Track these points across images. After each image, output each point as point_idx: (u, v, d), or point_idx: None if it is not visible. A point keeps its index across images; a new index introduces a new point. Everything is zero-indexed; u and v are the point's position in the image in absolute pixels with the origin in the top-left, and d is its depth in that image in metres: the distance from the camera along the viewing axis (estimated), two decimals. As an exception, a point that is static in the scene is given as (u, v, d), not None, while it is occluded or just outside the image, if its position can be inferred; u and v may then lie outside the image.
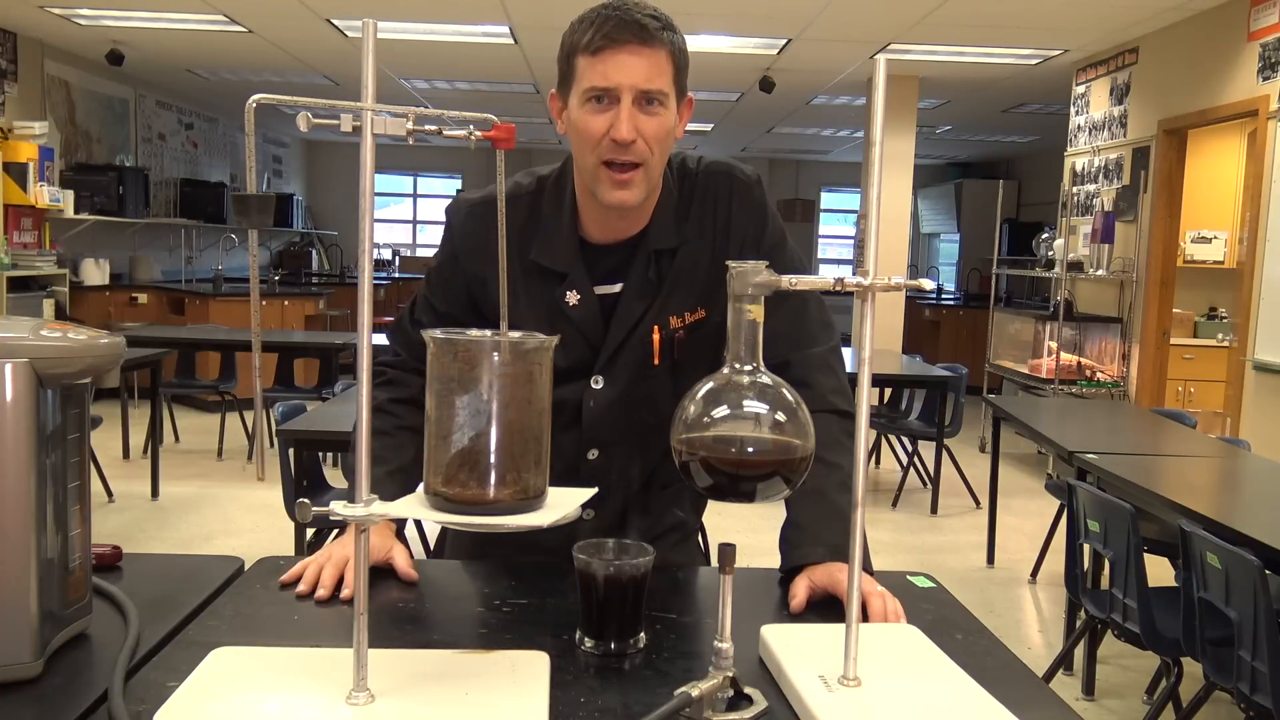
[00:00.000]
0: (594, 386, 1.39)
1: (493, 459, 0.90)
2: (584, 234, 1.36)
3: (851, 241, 13.31)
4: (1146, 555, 2.42)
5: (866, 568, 1.23)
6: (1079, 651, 3.12)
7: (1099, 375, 6.10)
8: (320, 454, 3.64)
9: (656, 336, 1.37)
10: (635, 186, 1.27)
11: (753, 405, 0.94)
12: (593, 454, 1.41)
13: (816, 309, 1.40)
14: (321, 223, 12.52)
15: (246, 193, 0.84)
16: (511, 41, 6.46)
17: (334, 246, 12.27)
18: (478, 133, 0.90)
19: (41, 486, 0.94)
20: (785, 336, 1.33)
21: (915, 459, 5.74)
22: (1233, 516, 2.32)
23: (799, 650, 1.01)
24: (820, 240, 13.38)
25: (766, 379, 0.94)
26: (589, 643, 1.06)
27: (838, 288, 0.93)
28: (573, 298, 1.35)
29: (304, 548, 3.06)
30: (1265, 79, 4.69)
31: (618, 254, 1.36)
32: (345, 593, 1.19)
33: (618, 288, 1.37)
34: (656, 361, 1.38)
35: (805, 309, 1.38)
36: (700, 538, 1.68)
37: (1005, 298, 10.19)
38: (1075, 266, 6.18)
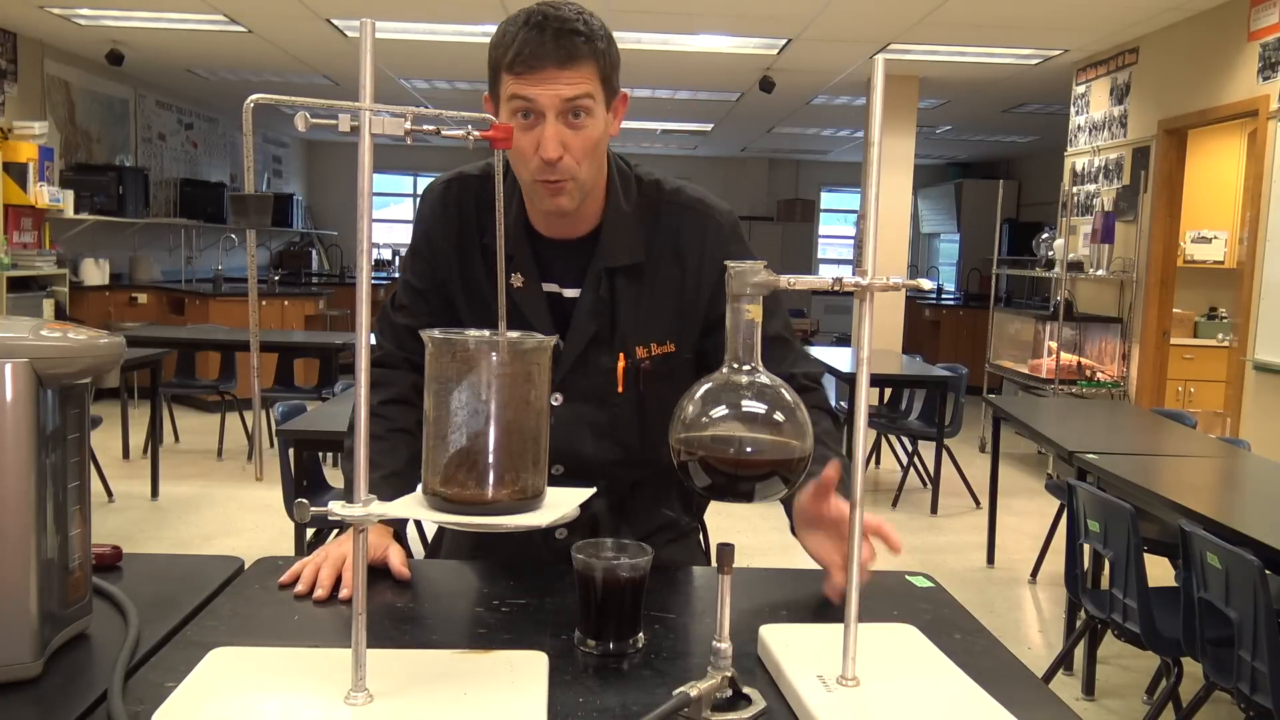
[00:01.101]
0: (553, 404, 1.38)
1: (491, 459, 0.90)
2: (533, 224, 1.38)
3: (851, 241, 13.31)
4: (1146, 555, 2.42)
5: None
6: (1079, 651, 3.12)
7: (1099, 375, 6.10)
8: (320, 454, 3.64)
9: (621, 364, 1.37)
10: (568, 195, 1.28)
11: (751, 405, 0.94)
12: (557, 469, 1.39)
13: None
14: (321, 223, 12.52)
15: (244, 193, 0.84)
16: (511, 41, 6.45)
17: (334, 246, 12.27)
18: (476, 133, 0.90)
19: (41, 486, 0.94)
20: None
21: (915, 459, 5.74)
22: (1233, 516, 2.32)
23: (797, 650, 1.01)
24: (820, 240, 13.38)
25: (765, 379, 0.94)
26: (588, 643, 1.06)
27: (836, 288, 0.93)
28: (516, 280, 1.36)
29: (304, 548, 3.06)
30: (1265, 79, 4.69)
31: (569, 254, 1.37)
32: (343, 593, 1.19)
33: (572, 292, 1.37)
34: (620, 389, 1.38)
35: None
36: (701, 537, 1.67)
37: (1005, 298, 10.20)
38: (1075, 266, 6.18)
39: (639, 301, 1.37)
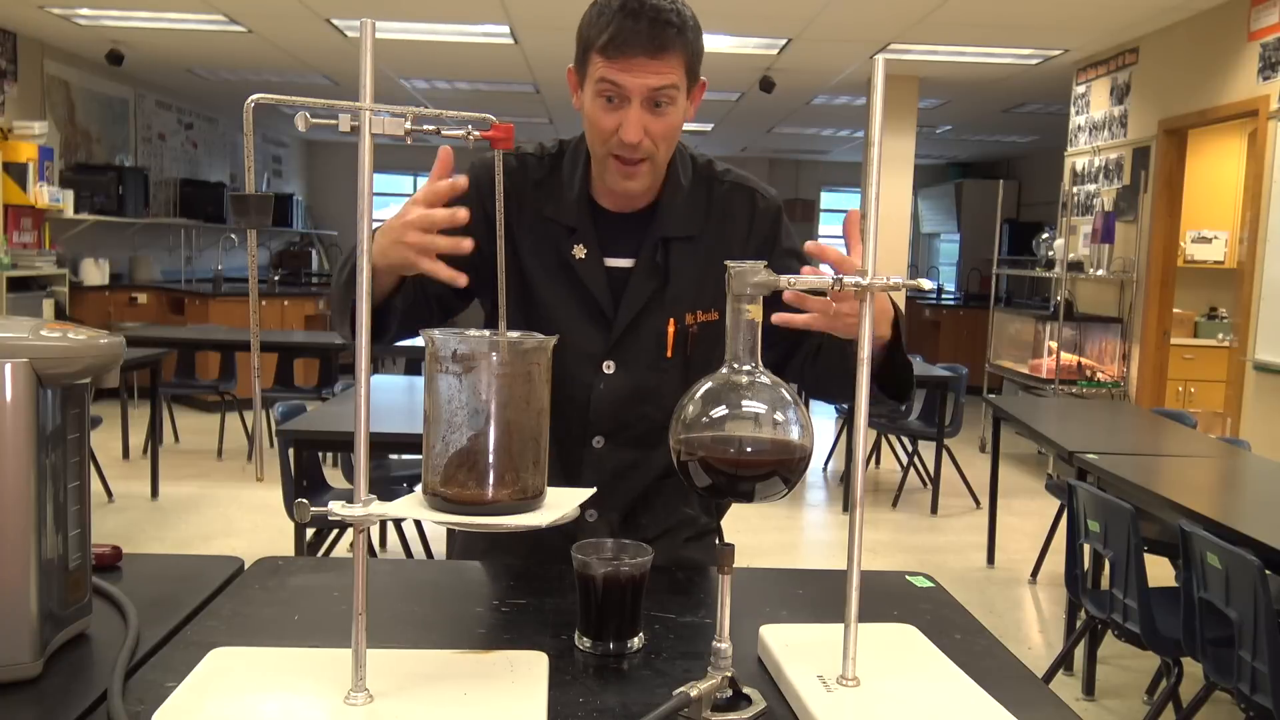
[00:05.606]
0: (605, 371, 1.40)
1: (491, 459, 0.90)
2: (595, 198, 1.41)
3: (851, 241, 13.27)
4: (1146, 555, 2.42)
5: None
6: (1079, 651, 3.11)
7: (1099, 375, 6.10)
8: (320, 454, 3.64)
9: (671, 329, 1.40)
10: (641, 177, 1.33)
11: (751, 405, 0.94)
12: (598, 441, 1.42)
13: None
14: (321, 223, 12.51)
15: (245, 193, 0.84)
16: (511, 41, 6.46)
17: (334, 246, 12.27)
18: (476, 133, 0.90)
19: (41, 486, 0.94)
20: None
21: (915, 459, 5.74)
22: (1233, 516, 2.32)
23: (797, 650, 1.01)
24: (820, 240, 13.37)
25: (765, 379, 0.94)
26: (587, 643, 1.06)
27: (837, 287, 0.93)
28: (579, 251, 1.39)
29: (304, 548, 3.06)
30: (1265, 79, 4.69)
31: (628, 227, 1.40)
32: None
33: (627, 263, 1.40)
34: (669, 354, 1.40)
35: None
36: (717, 539, 1.67)
37: (1005, 298, 10.19)
38: (1075, 266, 6.18)
39: (689, 269, 1.40)
